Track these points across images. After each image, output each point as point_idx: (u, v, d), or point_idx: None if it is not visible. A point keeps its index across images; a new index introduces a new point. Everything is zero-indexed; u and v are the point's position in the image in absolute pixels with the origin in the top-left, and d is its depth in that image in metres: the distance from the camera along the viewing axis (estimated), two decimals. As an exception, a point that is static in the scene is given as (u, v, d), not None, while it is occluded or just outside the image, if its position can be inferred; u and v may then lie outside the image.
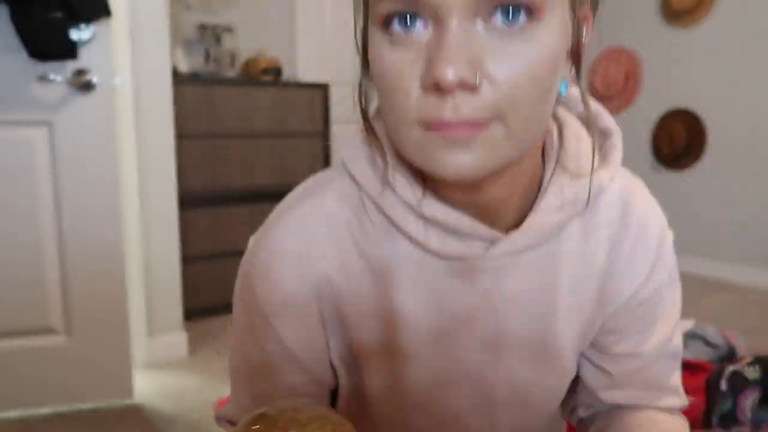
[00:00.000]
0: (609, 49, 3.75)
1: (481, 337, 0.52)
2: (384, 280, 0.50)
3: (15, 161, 1.66)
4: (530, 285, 0.51)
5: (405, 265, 0.49)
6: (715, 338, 2.05)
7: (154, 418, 1.75)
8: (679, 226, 3.47)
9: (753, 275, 3.18)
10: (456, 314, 0.51)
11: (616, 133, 0.52)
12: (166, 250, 2.10)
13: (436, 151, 0.40)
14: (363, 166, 0.49)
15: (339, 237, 0.50)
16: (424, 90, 0.39)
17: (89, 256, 1.74)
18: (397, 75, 0.40)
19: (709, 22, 3.27)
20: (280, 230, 0.50)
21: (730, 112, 3.23)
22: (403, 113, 0.40)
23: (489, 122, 0.39)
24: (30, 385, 1.74)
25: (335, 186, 0.51)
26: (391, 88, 0.40)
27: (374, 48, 0.42)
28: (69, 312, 1.75)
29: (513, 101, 0.39)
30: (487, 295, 0.50)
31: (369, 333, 0.51)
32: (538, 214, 0.48)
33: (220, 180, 2.61)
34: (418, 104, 0.39)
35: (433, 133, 0.39)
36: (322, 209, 0.50)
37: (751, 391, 1.30)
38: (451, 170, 0.39)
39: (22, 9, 1.53)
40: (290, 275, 0.50)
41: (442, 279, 0.50)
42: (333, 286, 0.50)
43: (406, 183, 0.47)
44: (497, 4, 0.37)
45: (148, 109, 2.00)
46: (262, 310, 0.51)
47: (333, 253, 0.50)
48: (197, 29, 2.95)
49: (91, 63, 1.66)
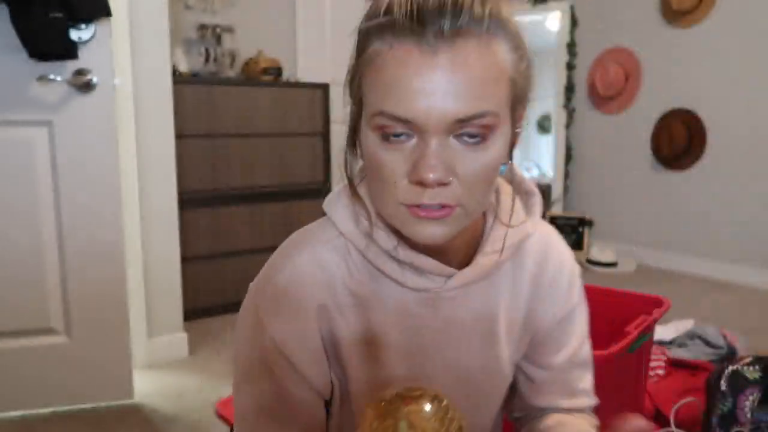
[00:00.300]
0: (609, 49, 3.75)
1: (444, 357, 0.66)
2: (367, 309, 0.63)
3: (15, 161, 1.66)
4: (477, 313, 0.66)
5: (385, 299, 0.63)
6: (715, 338, 2.05)
7: (154, 418, 1.75)
8: (679, 226, 3.48)
9: (753, 275, 3.18)
10: (424, 336, 0.65)
11: (537, 195, 0.69)
12: (166, 250, 2.11)
13: (415, 224, 0.55)
14: (349, 224, 0.63)
15: (331, 278, 0.63)
16: (410, 182, 0.53)
17: (89, 256, 1.74)
18: (388, 169, 0.54)
19: (709, 22, 3.27)
20: (283, 277, 0.63)
21: (730, 112, 3.23)
22: (391, 196, 0.55)
23: (454, 207, 0.54)
24: (30, 385, 1.75)
25: (325, 238, 0.64)
26: (383, 177, 0.55)
27: (369, 144, 0.55)
28: (69, 312, 1.75)
29: (472, 192, 0.54)
30: (447, 321, 0.65)
31: (357, 352, 0.64)
32: (484, 256, 0.64)
33: (220, 180, 2.61)
34: (403, 191, 0.54)
35: (413, 211, 0.54)
36: (316, 257, 0.63)
37: (751, 391, 1.30)
38: (428, 239, 0.55)
39: (22, 9, 1.53)
40: (297, 309, 0.62)
41: (414, 308, 0.64)
42: (329, 315, 0.63)
43: (385, 236, 0.61)
44: (462, 129, 0.52)
45: (148, 109, 2.00)
46: (275, 344, 0.62)
47: (327, 291, 0.63)
48: (197, 29, 2.95)
49: (91, 63, 1.66)
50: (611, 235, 3.85)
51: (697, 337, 2.09)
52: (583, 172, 4.01)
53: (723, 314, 2.71)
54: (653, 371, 1.76)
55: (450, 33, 0.50)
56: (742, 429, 1.29)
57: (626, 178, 3.76)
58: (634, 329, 1.24)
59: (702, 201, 3.39)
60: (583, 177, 4.02)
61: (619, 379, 1.30)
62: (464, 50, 0.50)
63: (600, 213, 3.92)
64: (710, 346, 2.04)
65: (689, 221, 3.45)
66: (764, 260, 3.14)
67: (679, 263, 3.49)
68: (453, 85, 0.50)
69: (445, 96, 0.50)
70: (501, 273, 0.67)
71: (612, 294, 1.53)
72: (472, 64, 0.51)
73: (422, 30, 0.50)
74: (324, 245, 0.63)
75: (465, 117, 0.51)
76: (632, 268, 3.53)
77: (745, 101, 3.16)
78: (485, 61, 0.51)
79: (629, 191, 3.75)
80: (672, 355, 1.94)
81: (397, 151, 0.53)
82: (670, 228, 3.54)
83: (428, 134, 0.52)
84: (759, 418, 1.33)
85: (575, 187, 4.06)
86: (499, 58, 0.53)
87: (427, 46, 0.50)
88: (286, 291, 0.62)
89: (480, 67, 0.51)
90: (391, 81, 0.52)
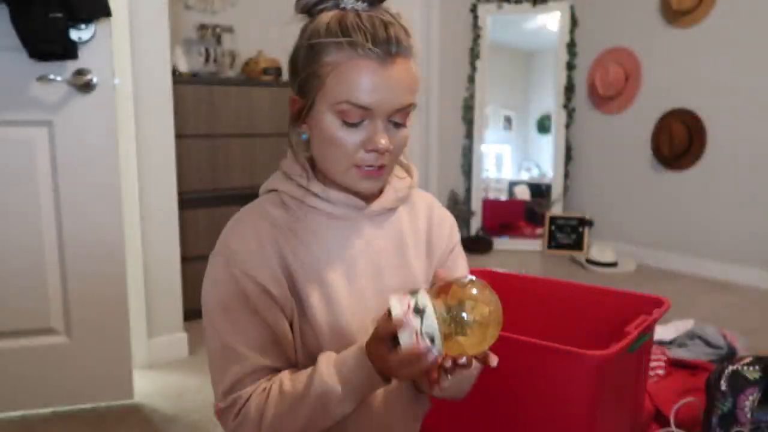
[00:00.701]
0: (609, 49, 3.76)
1: (374, 277, 0.86)
2: (306, 239, 0.84)
3: (15, 161, 1.66)
4: (391, 239, 0.90)
5: (319, 230, 0.85)
6: (715, 338, 2.05)
7: (154, 418, 1.75)
8: (679, 226, 3.48)
9: (753, 275, 3.18)
10: (353, 254, 0.86)
11: (413, 166, 0.96)
12: (166, 250, 2.11)
13: (362, 181, 0.82)
14: (286, 183, 0.87)
15: (275, 222, 0.84)
16: (366, 150, 0.79)
17: (89, 256, 1.74)
18: (349, 142, 0.79)
19: (709, 22, 3.27)
20: (241, 229, 0.83)
21: (730, 112, 3.23)
22: (347, 161, 0.80)
23: (385, 168, 0.82)
24: (30, 385, 1.75)
25: (267, 200, 0.87)
26: (342, 148, 0.79)
27: (328, 125, 0.79)
28: (69, 312, 1.75)
29: (394, 158, 0.83)
30: (369, 245, 0.87)
31: (305, 272, 0.83)
32: (385, 198, 0.89)
33: (220, 180, 2.61)
34: (360, 157, 0.79)
35: (362, 171, 0.81)
36: (263, 210, 0.85)
37: (751, 391, 1.30)
38: (368, 189, 0.83)
39: (22, 9, 1.53)
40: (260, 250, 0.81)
41: (341, 232, 0.86)
42: (280, 246, 0.82)
43: (317, 185, 0.85)
44: (395, 116, 0.80)
45: (148, 109, 2.00)
46: (243, 278, 0.80)
47: (275, 234, 0.83)
48: (197, 29, 2.95)
49: (91, 63, 1.66)
50: (611, 235, 3.85)
51: (697, 337, 2.09)
52: (583, 172, 4.01)
53: (723, 314, 2.71)
54: (653, 371, 1.76)
55: (393, 53, 0.77)
56: (742, 429, 1.29)
57: (626, 178, 3.76)
58: (634, 329, 1.24)
59: (702, 201, 3.39)
60: (583, 177, 4.02)
61: (619, 379, 1.30)
62: (401, 64, 0.78)
63: (600, 213, 3.92)
64: (710, 346, 2.04)
65: (689, 221, 3.45)
66: (764, 260, 3.14)
67: (679, 263, 3.49)
68: (396, 86, 0.78)
69: (391, 92, 0.77)
70: (401, 214, 0.92)
71: (612, 294, 1.53)
72: (405, 73, 0.79)
73: (378, 50, 0.76)
74: (266, 203, 0.87)
75: (401, 107, 0.79)
76: (632, 268, 3.53)
77: (745, 101, 3.16)
78: (410, 72, 0.80)
79: (629, 191, 3.75)
80: (672, 355, 1.94)
81: (353, 130, 0.79)
82: (670, 228, 3.54)
83: (378, 118, 0.78)
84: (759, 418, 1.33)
85: (575, 187, 4.06)
86: (414, 69, 0.81)
87: (381, 60, 0.76)
88: (247, 240, 0.81)
89: (408, 75, 0.79)
90: (356, 80, 0.76)
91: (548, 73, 4.12)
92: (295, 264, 0.82)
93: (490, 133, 4.23)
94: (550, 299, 1.61)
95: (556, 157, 4.04)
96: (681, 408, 1.55)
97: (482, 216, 4.14)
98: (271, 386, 0.78)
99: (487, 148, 4.21)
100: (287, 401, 0.76)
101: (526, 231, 4.12)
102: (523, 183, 4.29)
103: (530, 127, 4.32)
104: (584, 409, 1.18)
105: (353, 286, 0.85)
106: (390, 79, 0.76)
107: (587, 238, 3.92)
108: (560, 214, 3.99)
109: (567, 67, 3.95)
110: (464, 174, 4.16)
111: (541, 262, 3.77)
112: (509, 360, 1.25)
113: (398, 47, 0.77)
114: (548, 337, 1.26)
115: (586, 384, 1.16)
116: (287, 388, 0.77)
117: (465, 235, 4.12)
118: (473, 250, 3.93)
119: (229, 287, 0.80)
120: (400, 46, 0.77)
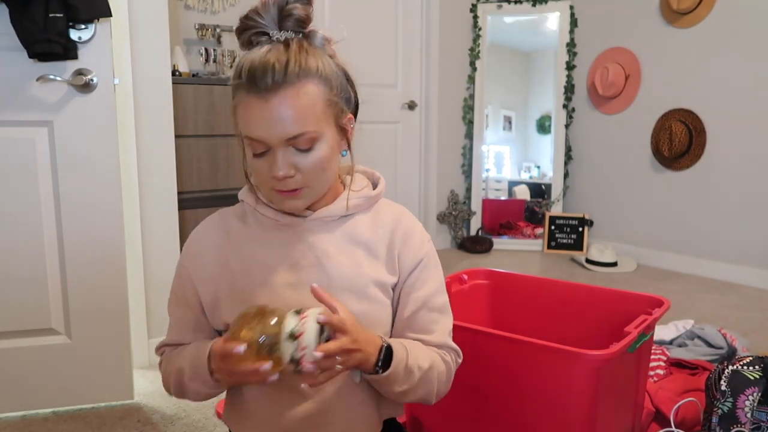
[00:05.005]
0: (609, 49, 3.76)
1: (316, 279, 0.88)
2: (254, 245, 0.93)
3: (15, 161, 1.66)
4: (337, 244, 0.93)
5: (267, 236, 0.93)
6: (715, 338, 2.05)
7: (154, 418, 1.75)
8: (679, 226, 3.48)
9: (753, 275, 3.18)
10: (295, 259, 0.91)
11: (381, 177, 1.01)
12: (166, 251, 2.10)
13: (283, 201, 0.88)
14: (249, 196, 0.96)
15: (229, 228, 0.95)
16: (272, 177, 0.84)
17: (89, 256, 1.74)
18: (261, 171, 0.85)
19: (709, 22, 3.28)
20: (196, 231, 0.98)
21: (730, 112, 3.23)
22: (266, 185, 0.87)
23: (302, 189, 0.86)
24: (30, 385, 1.75)
25: (231, 208, 0.99)
26: (256, 175, 0.87)
27: (247, 153, 0.87)
28: (69, 312, 1.75)
29: (312, 178, 0.86)
30: (312, 246, 0.92)
31: (246, 276, 0.91)
32: (334, 206, 0.94)
33: (220, 180, 2.61)
34: (271, 183, 0.85)
35: (279, 193, 0.86)
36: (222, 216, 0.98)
37: (751, 391, 1.30)
38: (291, 209, 0.90)
39: (22, 9, 1.53)
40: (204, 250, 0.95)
41: (286, 239, 0.92)
42: (225, 250, 0.94)
43: (264, 202, 0.94)
44: (294, 143, 0.83)
45: (148, 109, 2.00)
46: (184, 272, 0.97)
47: (223, 238, 0.95)
48: (197, 29, 2.95)
49: (91, 63, 1.66)
50: (611, 235, 3.85)
51: (697, 337, 2.09)
52: (583, 172, 4.01)
53: (723, 314, 2.71)
54: (653, 371, 1.76)
55: (273, 86, 0.80)
56: (742, 429, 1.29)
57: (626, 178, 3.76)
58: (634, 329, 1.24)
59: (702, 201, 3.39)
60: (583, 177, 4.02)
61: (619, 379, 1.30)
62: (284, 95, 0.80)
63: (600, 213, 3.92)
64: (710, 346, 2.04)
65: (689, 221, 3.45)
66: (764, 260, 3.14)
67: (679, 263, 3.49)
68: (277, 119, 0.80)
69: (274, 125, 0.81)
70: (357, 220, 0.95)
71: (612, 294, 1.53)
72: (291, 102, 0.80)
73: (257, 87, 0.80)
74: (229, 209, 0.99)
75: (292, 136, 0.82)
76: (632, 268, 3.53)
77: (745, 101, 3.16)
78: (300, 99, 0.81)
79: (629, 191, 3.75)
80: (672, 355, 1.94)
81: (261, 159, 0.85)
82: (670, 228, 3.54)
83: (274, 148, 0.83)
84: (759, 418, 1.33)
85: (575, 187, 4.06)
86: (311, 93, 0.82)
87: (259, 96, 0.80)
88: (196, 242, 0.96)
89: (296, 104, 0.81)
90: (245, 117, 0.82)
91: (548, 73, 4.12)
92: (236, 264, 0.92)
93: (490, 133, 4.23)
94: (550, 299, 1.61)
95: (555, 157, 4.04)
96: (681, 408, 1.55)
97: (482, 216, 4.14)
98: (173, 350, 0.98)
99: (487, 148, 4.21)
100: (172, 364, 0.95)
101: (526, 231, 4.12)
102: (523, 183, 4.29)
103: (530, 127, 4.32)
104: (584, 409, 1.18)
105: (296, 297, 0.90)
106: (270, 113, 0.80)
107: (587, 238, 3.92)
108: (560, 214, 3.99)
109: (567, 67, 3.95)
110: (464, 174, 4.16)
111: (541, 262, 3.77)
112: (509, 360, 1.26)
113: (277, 78, 0.79)
114: (548, 337, 1.26)
115: (586, 384, 1.16)
116: (175, 354, 0.95)
117: (465, 234, 4.13)
118: (473, 250, 3.93)
119: (177, 276, 0.99)
120: (279, 77, 0.79)
